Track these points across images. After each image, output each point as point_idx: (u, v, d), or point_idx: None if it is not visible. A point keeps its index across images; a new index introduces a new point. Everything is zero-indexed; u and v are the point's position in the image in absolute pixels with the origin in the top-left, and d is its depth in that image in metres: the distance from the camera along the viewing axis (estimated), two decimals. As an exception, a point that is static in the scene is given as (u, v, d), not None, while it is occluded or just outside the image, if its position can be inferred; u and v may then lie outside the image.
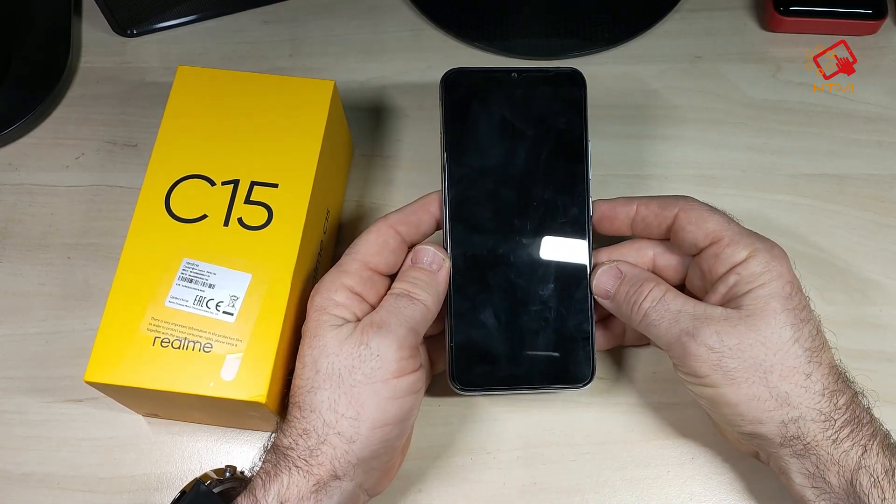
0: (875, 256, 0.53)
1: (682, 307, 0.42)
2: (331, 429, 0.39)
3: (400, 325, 0.41)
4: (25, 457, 0.48)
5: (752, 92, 0.59)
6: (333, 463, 0.39)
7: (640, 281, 0.43)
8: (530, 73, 0.47)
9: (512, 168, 0.46)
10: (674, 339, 0.41)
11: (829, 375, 0.40)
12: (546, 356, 0.45)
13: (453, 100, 0.46)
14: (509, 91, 0.46)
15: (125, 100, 0.59)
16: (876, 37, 0.60)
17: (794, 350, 0.40)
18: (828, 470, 0.39)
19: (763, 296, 0.40)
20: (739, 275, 0.41)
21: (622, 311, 0.44)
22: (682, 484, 0.47)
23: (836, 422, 0.40)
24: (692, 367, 0.41)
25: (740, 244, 0.42)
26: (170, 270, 0.43)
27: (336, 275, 0.43)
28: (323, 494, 0.39)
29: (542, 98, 0.46)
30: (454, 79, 0.46)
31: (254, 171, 0.46)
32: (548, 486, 0.48)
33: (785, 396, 0.40)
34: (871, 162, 0.56)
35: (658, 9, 0.61)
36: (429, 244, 0.44)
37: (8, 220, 0.55)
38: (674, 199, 0.45)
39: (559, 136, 0.46)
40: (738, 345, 0.40)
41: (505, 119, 0.46)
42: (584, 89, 0.47)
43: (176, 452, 0.49)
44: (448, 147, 0.45)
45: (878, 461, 0.39)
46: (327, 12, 0.62)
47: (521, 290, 0.45)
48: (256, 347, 0.42)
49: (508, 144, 0.46)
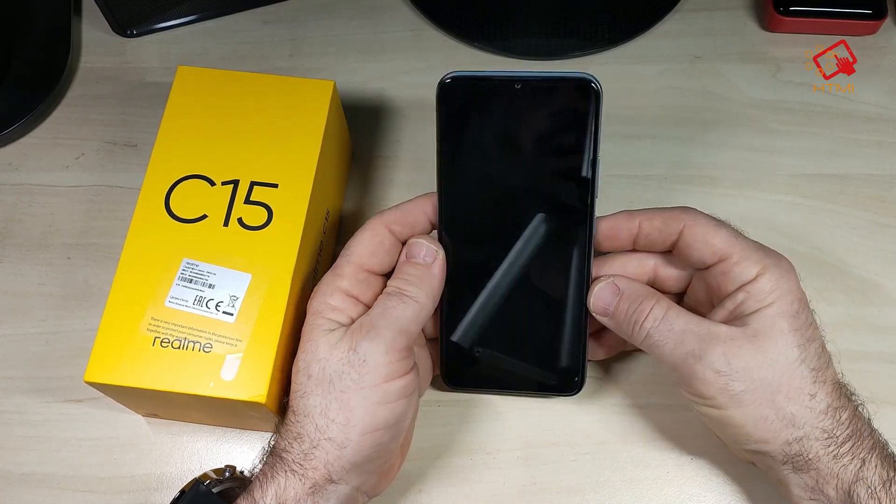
0: (875, 257, 0.53)
1: (686, 326, 0.41)
2: (322, 434, 0.39)
3: (389, 328, 0.40)
4: (25, 457, 0.48)
5: (752, 92, 0.59)
6: (327, 467, 0.39)
7: (640, 298, 0.42)
8: (536, 81, 0.41)
9: (511, 182, 0.43)
10: (679, 361, 0.41)
11: (832, 393, 0.40)
12: (536, 363, 0.46)
13: (450, 108, 0.42)
14: (512, 100, 0.42)
15: (125, 100, 0.59)
16: (876, 37, 0.60)
17: (800, 371, 0.40)
18: (827, 484, 0.39)
19: (771, 315, 0.40)
20: (748, 293, 0.40)
21: (622, 330, 0.43)
22: (681, 484, 0.47)
23: (839, 438, 0.39)
24: (698, 390, 0.40)
25: (750, 260, 0.41)
26: (170, 270, 0.43)
27: (331, 278, 0.43)
28: (319, 497, 0.39)
29: (547, 109, 0.42)
30: (452, 85, 0.42)
31: (254, 172, 0.46)
32: (548, 486, 0.48)
33: (791, 417, 0.39)
34: (871, 162, 0.56)
35: (658, 9, 0.61)
36: (423, 237, 0.44)
37: (8, 220, 0.55)
38: (678, 212, 0.43)
39: (565, 150, 0.42)
40: (746, 367, 0.39)
41: (506, 131, 0.42)
42: (597, 98, 0.41)
43: (176, 452, 0.49)
44: (444, 159, 0.43)
45: (876, 473, 0.39)
46: (327, 12, 0.62)
47: (514, 296, 0.45)
48: (256, 347, 0.42)
49: (508, 158, 0.43)
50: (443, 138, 0.43)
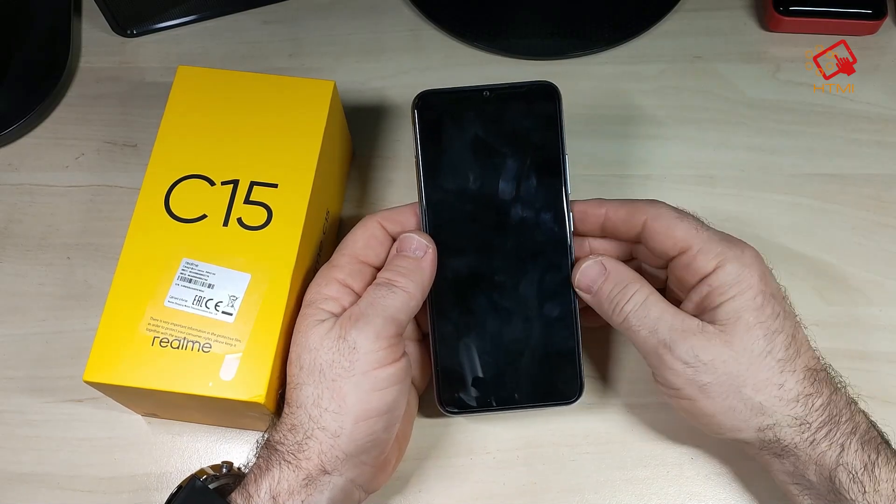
0: (874, 256, 0.53)
1: (662, 315, 0.42)
2: (315, 423, 0.39)
3: (377, 316, 0.41)
4: (25, 457, 0.48)
5: (751, 92, 0.59)
6: (321, 457, 0.39)
7: (625, 282, 0.43)
8: (502, 90, 0.45)
9: (489, 187, 0.45)
10: (651, 350, 0.42)
11: (804, 381, 0.41)
12: (532, 375, 0.45)
13: (426, 121, 0.45)
14: (481, 109, 0.45)
15: (125, 100, 0.59)
16: (876, 37, 0.60)
17: (766, 363, 0.40)
18: (807, 469, 0.40)
19: (735, 308, 0.40)
20: (710, 286, 0.41)
21: (603, 310, 0.44)
22: (681, 484, 0.47)
23: (812, 425, 0.40)
24: (667, 380, 0.41)
25: (710, 253, 0.41)
26: (169, 270, 0.43)
27: (326, 270, 0.44)
28: (313, 489, 0.39)
29: (515, 113, 0.45)
30: (426, 101, 0.45)
31: (253, 171, 0.46)
32: (548, 486, 0.48)
33: (759, 406, 0.40)
34: (871, 162, 0.56)
35: (658, 9, 0.61)
36: (413, 232, 0.44)
37: (8, 220, 0.55)
38: (643, 205, 0.44)
39: (535, 151, 0.45)
40: (713, 360, 0.40)
41: (479, 137, 0.45)
42: (559, 102, 0.45)
43: (176, 452, 0.49)
44: (423, 170, 0.45)
45: (857, 457, 0.39)
46: (327, 12, 0.62)
47: (503, 309, 0.45)
48: (255, 347, 0.42)
49: (484, 163, 0.45)
50: (421, 152, 0.45)
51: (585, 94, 0.58)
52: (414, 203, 0.45)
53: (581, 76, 0.59)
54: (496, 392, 0.45)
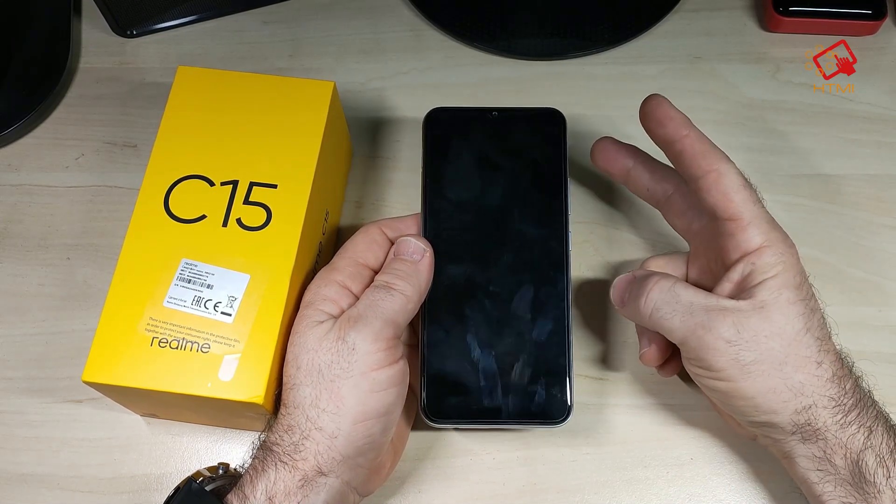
0: (874, 257, 0.53)
1: (694, 299, 0.42)
2: (313, 424, 0.39)
3: (376, 318, 0.41)
4: (25, 457, 0.48)
5: (751, 92, 0.59)
6: (317, 458, 0.39)
7: (648, 275, 0.44)
8: (510, 113, 0.48)
9: (490, 204, 0.46)
10: (689, 333, 0.41)
11: (836, 362, 0.41)
12: (521, 391, 0.44)
13: (434, 136, 0.48)
14: (488, 128, 0.48)
15: (125, 100, 0.59)
16: (876, 37, 0.60)
17: (806, 340, 0.40)
18: (835, 453, 0.40)
19: (776, 286, 0.41)
20: (754, 265, 0.41)
21: (632, 307, 0.44)
22: (681, 484, 0.47)
23: (846, 405, 0.40)
24: (708, 362, 0.41)
25: (759, 229, 0.41)
26: (168, 271, 0.43)
27: (326, 272, 0.44)
28: (309, 490, 0.39)
29: (521, 135, 0.48)
30: (436, 116, 0.48)
31: (253, 172, 0.46)
32: (548, 486, 0.48)
33: (799, 386, 0.40)
34: (870, 162, 0.56)
35: (658, 9, 0.61)
36: (411, 235, 0.45)
37: (8, 221, 0.55)
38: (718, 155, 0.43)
39: (538, 171, 0.47)
40: (755, 336, 0.40)
41: (484, 154, 0.47)
42: (563, 127, 0.48)
43: (176, 453, 0.49)
44: (428, 181, 0.47)
45: (884, 441, 0.39)
46: (327, 12, 0.62)
47: (496, 323, 0.45)
48: (254, 348, 0.42)
49: (487, 179, 0.47)
50: (428, 164, 0.47)
51: (585, 95, 0.58)
52: (417, 213, 0.46)
53: (581, 76, 0.59)
54: (482, 406, 0.44)
